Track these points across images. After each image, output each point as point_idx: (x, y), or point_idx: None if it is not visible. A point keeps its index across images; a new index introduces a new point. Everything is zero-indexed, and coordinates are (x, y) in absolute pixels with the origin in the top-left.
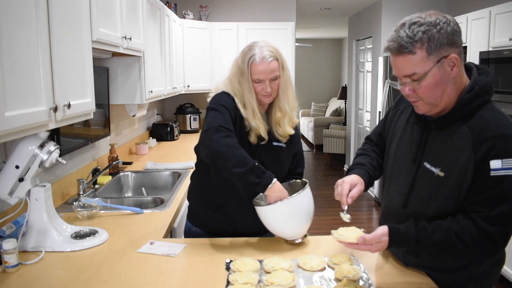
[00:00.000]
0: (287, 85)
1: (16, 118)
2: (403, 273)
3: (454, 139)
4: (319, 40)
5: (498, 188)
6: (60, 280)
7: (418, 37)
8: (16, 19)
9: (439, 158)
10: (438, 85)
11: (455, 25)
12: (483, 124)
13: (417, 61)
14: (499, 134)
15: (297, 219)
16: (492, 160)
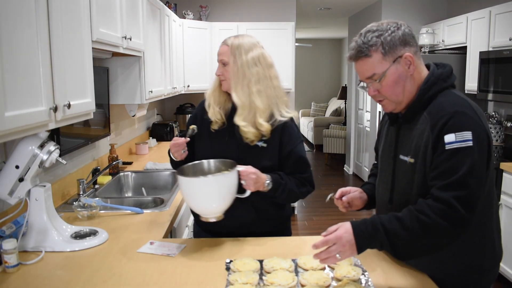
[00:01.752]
0: (239, 77)
1: (16, 118)
2: (403, 273)
3: (417, 126)
4: (319, 40)
5: (451, 160)
6: (60, 280)
7: (372, 42)
8: (16, 19)
9: (408, 147)
10: (397, 82)
11: (406, 28)
12: (439, 106)
13: (374, 63)
14: (452, 111)
15: (215, 197)
16: (446, 135)
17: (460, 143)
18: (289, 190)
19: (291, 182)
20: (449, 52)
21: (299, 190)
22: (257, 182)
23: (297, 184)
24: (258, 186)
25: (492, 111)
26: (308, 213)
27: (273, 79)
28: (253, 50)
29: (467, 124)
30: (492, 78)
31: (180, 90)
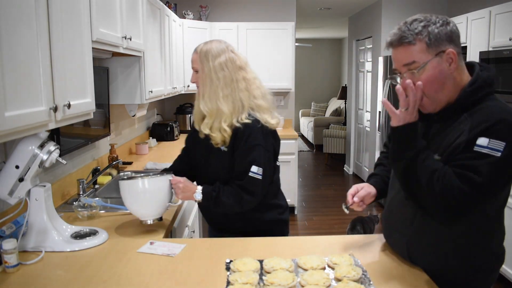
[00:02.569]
0: (205, 84)
1: (16, 118)
2: (403, 273)
3: (454, 126)
4: (319, 40)
5: (475, 160)
6: (60, 280)
7: (418, 30)
8: (16, 19)
9: (439, 145)
10: (437, 78)
11: (454, 26)
12: (485, 111)
13: (417, 51)
14: (499, 118)
15: (149, 200)
16: (480, 137)
17: (490, 150)
18: (222, 203)
19: (226, 194)
20: None
21: (234, 202)
22: (185, 191)
23: (234, 194)
24: (187, 196)
25: None
26: (308, 213)
27: (240, 82)
28: (221, 56)
29: (507, 134)
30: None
31: (180, 90)
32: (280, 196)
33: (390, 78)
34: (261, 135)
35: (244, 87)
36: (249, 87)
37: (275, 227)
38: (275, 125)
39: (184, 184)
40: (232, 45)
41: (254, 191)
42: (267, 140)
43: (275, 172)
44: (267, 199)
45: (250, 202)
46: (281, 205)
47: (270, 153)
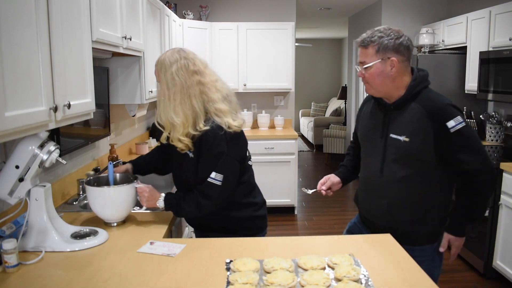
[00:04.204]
0: (160, 97)
1: (16, 118)
2: (403, 273)
3: (410, 113)
4: (319, 40)
5: (460, 137)
6: (60, 280)
7: (373, 39)
8: (16, 19)
9: (402, 129)
10: (378, 76)
11: (404, 40)
12: (430, 100)
13: (368, 54)
14: (443, 104)
15: (115, 206)
16: (446, 122)
17: (458, 124)
18: (182, 209)
19: (187, 201)
20: (449, 52)
21: (193, 208)
22: (150, 200)
23: (193, 200)
24: (152, 203)
25: (492, 111)
26: (308, 213)
27: (193, 87)
28: (173, 66)
29: (455, 112)
30: (492, 78)
31: None
32: (255, 193)
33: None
34: (224, 141)
35: (198, 92)
36: (206, 91)
37: (252, 223)
38: (238, 127)
39: (149, 193)
40: (188, 51)
41: (211, 196)
42: (230, 146)
43: (246, 172)
44: (240, 198)
45: (207, 206)
46: (255, 202)
47: (234, 159)
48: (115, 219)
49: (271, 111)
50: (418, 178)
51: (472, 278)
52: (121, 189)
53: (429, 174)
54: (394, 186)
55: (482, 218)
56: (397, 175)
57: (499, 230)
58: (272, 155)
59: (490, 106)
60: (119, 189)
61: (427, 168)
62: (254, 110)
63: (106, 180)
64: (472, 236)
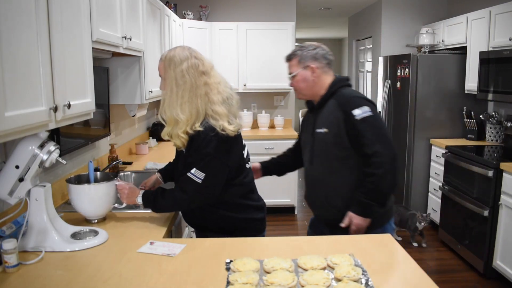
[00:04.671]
0: (166, 92)
1: (16, 118)
2: (403, 273)
3: (328, 108)
4: (319, 40)
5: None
6: (60, 280)
7: (295, 53)
8: (16, 19)
9: (323, 122)
10: (302, 82)
11: (321, 51)
12: (342, 95)
13: (292, 65)
14: (352, 95)
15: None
16: (352, 110)
17: (363, 113)
18: (159, 204)
19: (165, 195)
20: (449, 52)
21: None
22: (130, 197)
23: (170, 194)
24: (132, 200)
25: (492, 111)
26: (308, 213)
27: (200, 88)
28: (183, 63)
29: (364, 103)
30: (492, 78)
31: None
32: (252, 196)
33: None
34: (214, 143)
35: (204, 93)
36: (209, 93)
37: (249, 225)
38: (233, 131)
39: (129, 190)
40: (196, 51)
41: (186, 190)
42: (220, 148)
43: (241, 173)
44: (236, 199)
45: (181, 201)
46: (252, 205)
47: (221, 161)
48: (96, 216)
49: (271, 111)
50: (344, 165)
51: (472, 278)
52: (100, 186)
53: (351, 161)
54: (325, 176)
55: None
56: (325, 165)
57: (499, 230)
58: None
59: (490, 106)
60: (98, 187)
61: (347, 154)
62: (254, 110)
63: (87, 178)
64: (472, 236)
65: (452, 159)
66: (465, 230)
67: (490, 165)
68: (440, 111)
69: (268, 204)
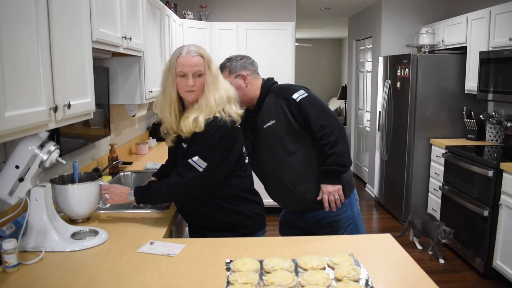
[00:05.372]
0: (215, 83)
1: (16, 118)
2: (403, 273)
3: (268, 103)
4: (319, 40)
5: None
6: (60, 280)
7: (225, 65)
8: (16, 19)
9: (268, 117)
10: (237, 89)
11: (247, 60)
12: (278, 88)
13: (225, 76)
14: (286, 85)
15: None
16: (292, 95)
17: (303, 95)
18: (153, 192)
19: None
20: (449, 52)
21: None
22: (119, 195)
23: (165, 181)
24: (122, 198)
25: (492, 111)
26: None
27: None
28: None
29: (298, 88)
30: (492, 78)
31: None
32: (254, 191)
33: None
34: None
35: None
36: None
37: (251, 220)
38: (238, 115)
39: (117, 188)
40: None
41: (184, 175)
42: (224, 140)
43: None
44: (238, 190)
45: (176, 185)
46: (253, 199)
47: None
48: (80, 216)
49: None
50: (299, 147)
51: (472, 278)
52: (84, 186)
53: (303, 141)
54: (283, 164)
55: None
56: (281, 154)
57: (499, 230)
58: None
59: (490, 106)
60: (82, 187)
61: (298, 136)
62: None
63: (72, 178)
64: (472, 235)
65: (452, 159)
66: (465, 230)
67: (490, 165)
68: (440, 111)
69: (268, 204)
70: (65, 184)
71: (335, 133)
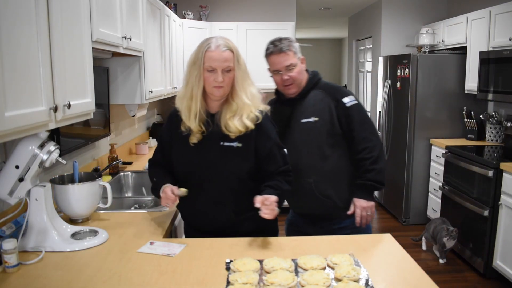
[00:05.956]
0: (245, 79)
1: (16, 118)
2: (403, 274)
3: (313, 98)
4: (319, 40)
5: (354, 111)
6: (60, 280)
7: (290, 44)
8: (16, 19)
9: (311, 112)
10: (300, 73)
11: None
12: (327, 85)
13: (291, 57)
14: (338, 86)
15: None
16: (342, 98)
17: (351, 101)
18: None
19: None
20: (449, 52)
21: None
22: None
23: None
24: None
25: (492, 111)
26: None
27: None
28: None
29: (349, 92)
30: (492, 78)
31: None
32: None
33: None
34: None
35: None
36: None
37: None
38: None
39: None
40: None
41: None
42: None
43: None
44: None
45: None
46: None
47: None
48: (80, 216)
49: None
50: (334, 152)
51: (472, 278)
52: (84, 186)
53: (340, 148)
54: (314, 164)
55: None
56: (315, 153)
57: (499, 230)
58: None
59: (490, 106)
60: (82, 187)
61: (336, 141)
62: None
63: (72, 178)
64: (472, 236)
65: (452, 159)
66: (465, 230)
67: (490, 165)
68: (440, 111)
69: None
70: (65, 184)
71: (376, 149)
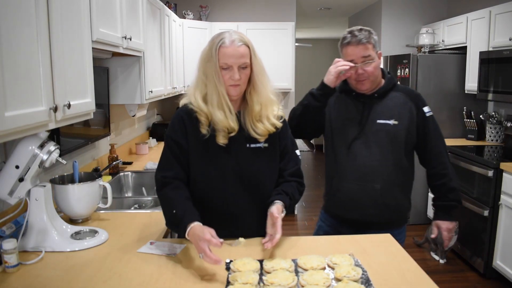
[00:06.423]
0: (263, 74)
1: (16, 118)
2: (403, 274)
3: (393, 100)
4: (319, 40)
5: (432, 122)
6: (60, 280)
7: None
8: (16, 19)
9: (389, 114)
10: (376, 69)
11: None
12: (406, 89)
13: (370, 49)
14: (418, 93)
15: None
16: (423, 107)
17: (429, 112)
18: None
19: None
20: (449, 52)
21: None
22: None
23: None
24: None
25: (492, 111)
26: (308, 213)
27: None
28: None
29: (426, 102)
30: (492, 78)
31: (180, 90)
32: None
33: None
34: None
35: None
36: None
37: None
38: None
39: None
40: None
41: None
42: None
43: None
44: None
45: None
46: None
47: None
48: (80, 216)
49: None
50: (407, 160)
51: (472, 278)
52: (84, 186)
53: (411, 155)
54: (385, 169)
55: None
56: (388, 158)
57: (499, 230)
58: None
59: (490, 106)
60: (82, 187)
61: (410, 149)
62: None
63: (72, 178)
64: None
65: (452, 159)
66: (465, 230)
67: (490, 165)
68: (440, 111)
69: None
70: (65, 184)
71: (449, 166)
